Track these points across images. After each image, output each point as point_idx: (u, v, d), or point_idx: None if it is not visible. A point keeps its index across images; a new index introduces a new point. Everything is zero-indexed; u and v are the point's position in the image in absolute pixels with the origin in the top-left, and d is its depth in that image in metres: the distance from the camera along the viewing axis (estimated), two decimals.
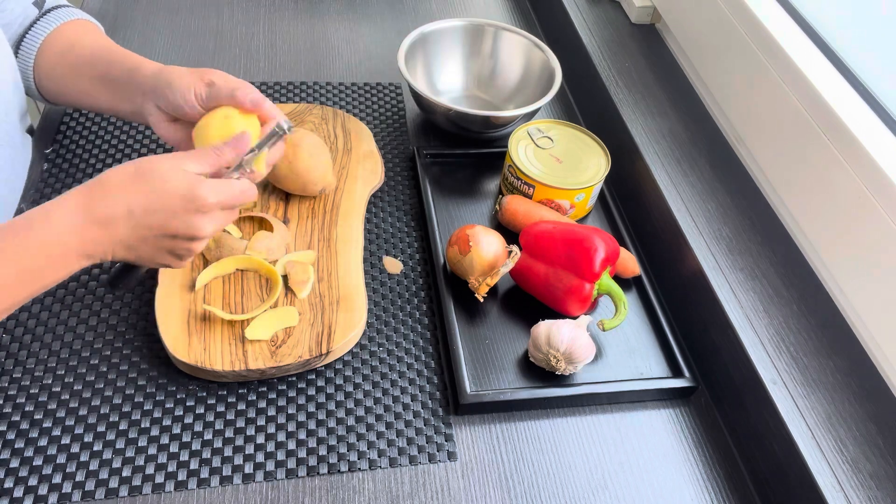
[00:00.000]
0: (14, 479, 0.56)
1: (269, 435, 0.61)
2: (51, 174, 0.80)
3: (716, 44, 0.87)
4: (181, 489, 0.57)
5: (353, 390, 0.65)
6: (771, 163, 0.77)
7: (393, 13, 1.13)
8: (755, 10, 0.80)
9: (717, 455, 0.65)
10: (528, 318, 0.71)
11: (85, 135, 0.85)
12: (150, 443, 0.60)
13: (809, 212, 0.71)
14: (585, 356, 0.65)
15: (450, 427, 0.64)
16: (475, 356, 0.69)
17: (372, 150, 0.85)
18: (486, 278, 0.69)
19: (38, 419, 0.60)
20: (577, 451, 0.64)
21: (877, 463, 0.57)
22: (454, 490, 0.60)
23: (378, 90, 0.98)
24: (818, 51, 0.75)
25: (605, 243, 0.68)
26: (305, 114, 0.88)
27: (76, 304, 0.68)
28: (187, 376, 0.64)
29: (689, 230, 0.74)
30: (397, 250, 0.78)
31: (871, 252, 0.63)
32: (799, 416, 0.60)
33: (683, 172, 0.80)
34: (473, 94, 0.98)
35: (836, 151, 0.66)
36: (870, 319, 0.64)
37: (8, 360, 0.63)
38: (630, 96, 0.90)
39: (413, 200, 0.84)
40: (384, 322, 0.71)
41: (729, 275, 0.70)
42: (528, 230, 0.73)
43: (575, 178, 0.79)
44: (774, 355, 0.64)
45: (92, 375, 0.63)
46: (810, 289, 0.70)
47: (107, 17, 1.04)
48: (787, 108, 0.73)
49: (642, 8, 1.02)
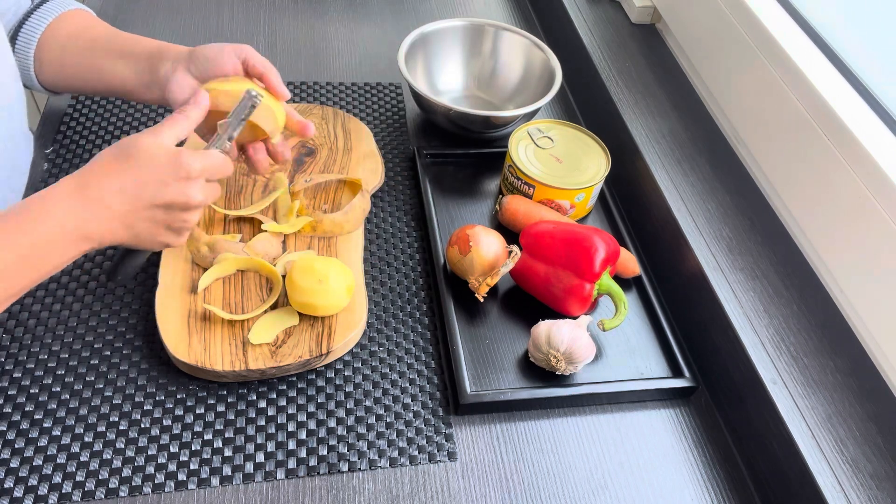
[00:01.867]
0: (14, 479, 0.56)
1: (270, 435, 0.61)
2: (51, 174, 0.80)
3: (716, 44, 0.87)
4: (181, 489, 0.57)
5: (354, 390, 0.65)
6: (771, 163, 0.77)
7: (393, 13, 1.13)
8: (755, 10, 0.80)
9: (717, 455, 0.65)
10: (529, 318, 0.71)
11: (85, 135, 0.85)
12: (151, 443, 0.60)
13: (809, 212, 0.71)
14: (585, 356, 0.65)
15: (450, 427, 0.64)
16: (475, 356, 0.69)
17: (372, 150, 0.85)
18: (486, 278, 0.69)
19: (38, 419, 0.60)
20: (578, 451, 0.64)
21: (877, 463, 0.57)
22: (454, 490, 0.60)
23: (378, 90, 0.98)
24: (818, 51, 0.75)
25: (606, 243, 0.68)
26: (306, 114, 0.88)
27: (76, 305, 0.68)
28: (187, 376, 0.64)
29: (690, 230, 0.74)
30: (398, 250, 0.78)
31: (871, 252, 0.63)
32: (799, 416, 0.60)
33: (683, 172, 0.80)
34: (473, 94, 0.98)
35: (836, 151, 0.66)
36: (870, 319, 0.64)
37: (8, 360, 0.63)
38: (630, 96, 0.90)
39: (413, 200, 0.84)
40: (384, 322, 0.71)
41: (729, 275, 0.70)
42: (528, 230, 0.73)
43: (575, 178, 0.79)
44: (774, 355, 0.64)
45: (92, 375, 0.63)
46: (810, 289, 0.70)
47: (106, 17, 1.04)
48: (787, 108, 0.73)
49: (642, 8, 1.02)
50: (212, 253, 0.69)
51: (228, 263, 0.69)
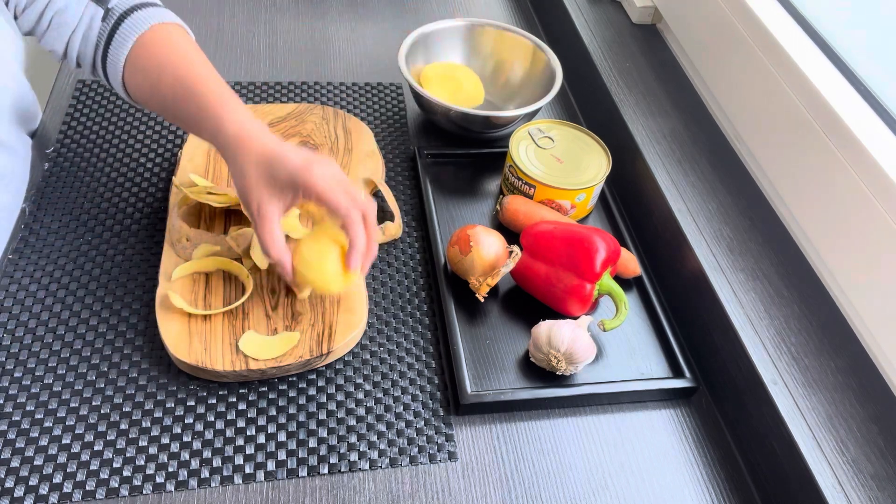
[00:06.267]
0: (15, 479, 0.56)
1: (270, 435, 0.61)
2: (52, 174, 0.80)
3: (717, 44, 0.87)
4: (182, 489, 0.57)
5: (354, 390, 0.65)
6: (772, 163, 0.77)
7: (393, 13, 1.13)
8: (756, 11, 0.80)
9: (717, 455, 0.65)
10: (529, 318, 0.71)
11: (86, 134, 0.85)
12: (151, 442, 0.60)
13: (810, 212, 0.71)
14: (586, 356, 0.65)
15: (450, 427, 0.64)
16: (476, 356, 0.69)
17: (373, 150, 0.85)
18: (486, 278, 0.69)
19: (38, 419, 0.60)
20: (578, 451, 0.64)
21: (878, 463, 0.57)
22: (455, 490, 0.60)
23: (379, 90, 0.98)
24: (819, 51, 0.75)
25: (606, 243, 0.68)
26: (306, 114, 0.88)
27: (77, 304, 0.68)
28: (188, 376, 0.64)
29: (690, 230, 0.74)
30: (398, 250, 0.78)
31: (872, 252, 0.63)
32: (800, 416, 0.60)
33: (684, 172, 0.80)
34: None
35: (836, 151, 0.66)
36: (871, 320, 0.64)
37: (9, 360, 0.63)
38: (631, 96, 0.90)
39: (414, 200, 0.84)
40: (385, 322, 0.71)
41: (730, 275, 0.70)
42: (528, 230, 0.73)
43: (576, 178, 0.79)
44: (775, 356, 0.64)
45: (93, 375, 0.63)
46: (811, 289, 0.70)
47: None
48: (788, 108, 0.73)
49: (643, 8, 1.02)
50: (190, 244, 0.69)
51: (209, 261, 0.69)
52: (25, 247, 0.72)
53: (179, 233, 0.70)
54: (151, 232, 0.75)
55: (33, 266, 0.71)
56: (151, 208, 0.78)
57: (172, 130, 0.87)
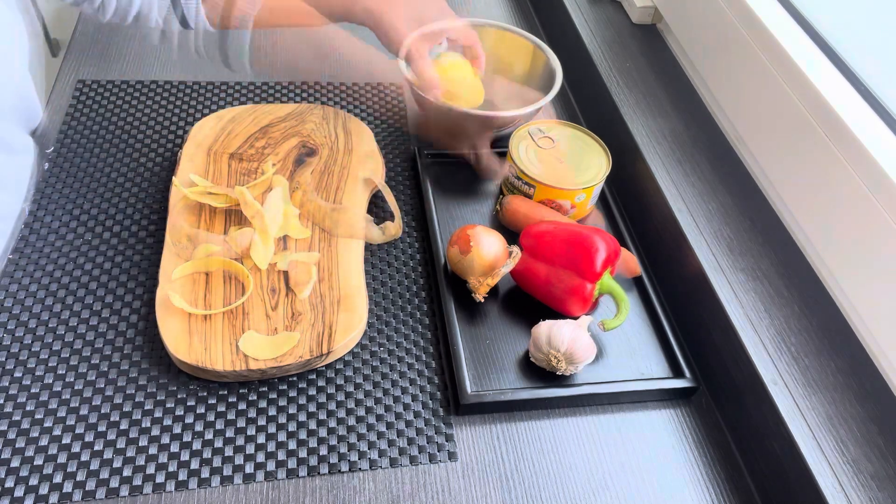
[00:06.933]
0: (15, 479, 0.57)
1: (270, 435, 0.61)
2: (52, 173, 0.80)
3: (717, 44, 0.87)
4: (182, 489, 0.57)
5: (354, 390, 0.65)
6: (772, 163, 0.77)
7: None
8: (757, 11, 0.80)
9: (717, 455, 0.65)
10: (529, 318, 0.71)
11: (86, 134, 0.85)
12: (151, 442, 0.60)
13: (811, 212, 0.71)
14: (586, 356, 0.65)
15: (450, 427, 0.64)
16: (476, 356, 0.69)
17: (373, 150, 0.85)
18: (486, 279, 0.69)
19: (39, 418, 0.60)
20: (578, 451, 0.64)
21: (878, 464, 0.57)
22: (455, 490, 0.60)
23: (379, 90, 0.98)
24: (819, 51, 0.75)
25: (606, 243, 0.68)
26: (306, 114, 0.88)
27: (77, 304, 0.68)
28: (188, 376, 0.64)
29: (690, 230, 0.74)
30: (398, 250, 0.78)
31: (872, 252, 0.63)
32: (800, 416, 0.60)
33: (684, 172, 0.80)
34: None
35: (837, 152, 0.66)
36: (871, 320, 0.64)
37: (9, 360, 0.64)
38: (631, 96, 0.90)
39: (414, 200, 0.84)
40: (385, 322, 0.71)
41: (730, 275, 0.70)
42: (528, 230, 0.73)
43: (576, 178, 0.79)
44: (775, 356, 0.64)
45: (93, 375, 0.63)
46: (811, 289, 0.70)
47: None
48: (788, 108, 0.73)
49: (643, 8, 1.02)
50: (191, 244, 0.69)
51: (209, 261, 0.69)
52: (25, 247, 0.72)
53: (179, 233, 0.70)
54: (151, 232, 0.75)
55: (33, 266, 0.71)
56: (151, 208, 0.78)
57: (172, 130, 0.87)
